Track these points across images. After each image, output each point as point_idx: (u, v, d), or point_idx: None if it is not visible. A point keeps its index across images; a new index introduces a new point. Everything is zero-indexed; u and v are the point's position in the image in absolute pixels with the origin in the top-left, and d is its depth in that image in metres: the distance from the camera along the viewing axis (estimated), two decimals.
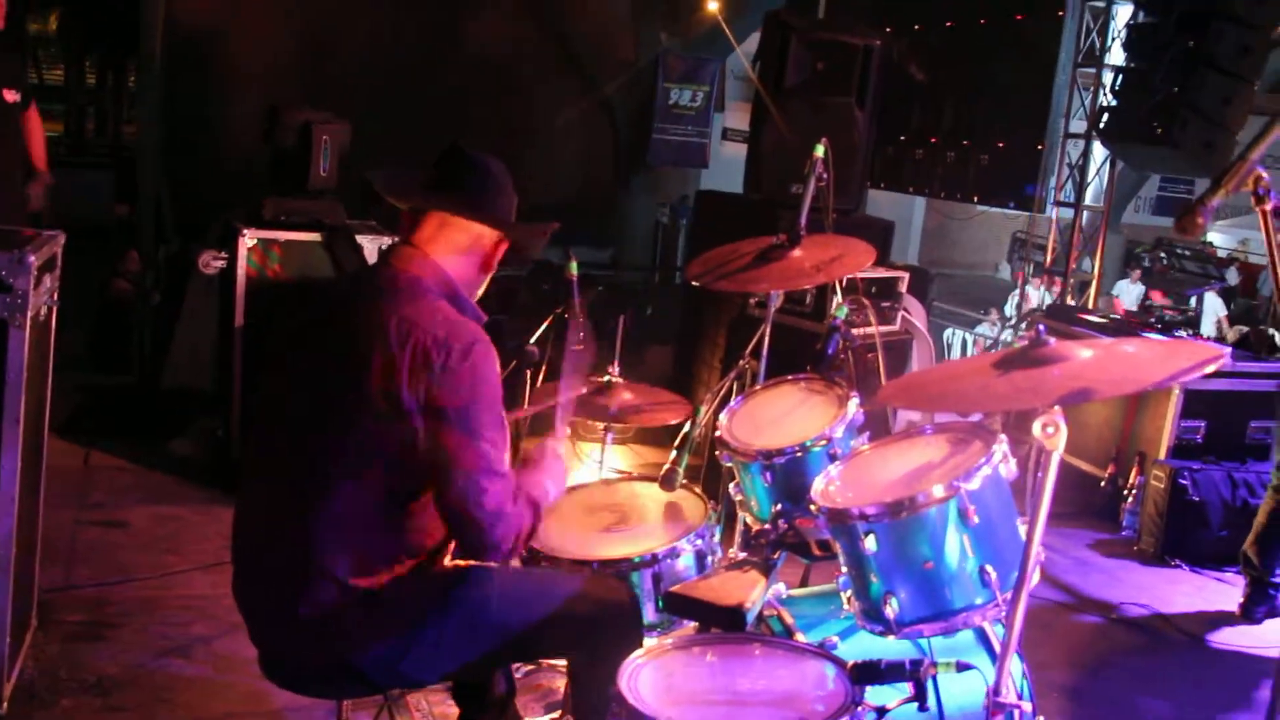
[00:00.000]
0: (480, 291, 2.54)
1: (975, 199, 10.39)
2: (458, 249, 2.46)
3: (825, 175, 3.42)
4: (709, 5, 10.56)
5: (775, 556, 2.76)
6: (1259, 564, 4.82)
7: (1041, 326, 2.19)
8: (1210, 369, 1.97)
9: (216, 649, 3.75)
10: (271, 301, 5.04)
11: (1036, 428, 2.07)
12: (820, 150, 3.40)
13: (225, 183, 7.00)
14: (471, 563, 2.47)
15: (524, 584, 2.57)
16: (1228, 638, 4.77)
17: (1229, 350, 6.04)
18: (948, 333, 10.31)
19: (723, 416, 3.01)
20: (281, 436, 2.42)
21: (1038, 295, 9.84)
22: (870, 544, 2.37)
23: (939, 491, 2.30)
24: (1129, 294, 11.79)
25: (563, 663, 2.90)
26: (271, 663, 2.48)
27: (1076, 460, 6.20)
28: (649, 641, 2.60)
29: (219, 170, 8.80)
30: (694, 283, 3.31)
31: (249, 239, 5.07)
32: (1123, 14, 8.84)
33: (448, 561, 2.48)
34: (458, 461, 2.24)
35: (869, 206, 12.63)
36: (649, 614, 2.79)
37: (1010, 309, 10.55)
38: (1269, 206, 2.13)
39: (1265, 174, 2.15)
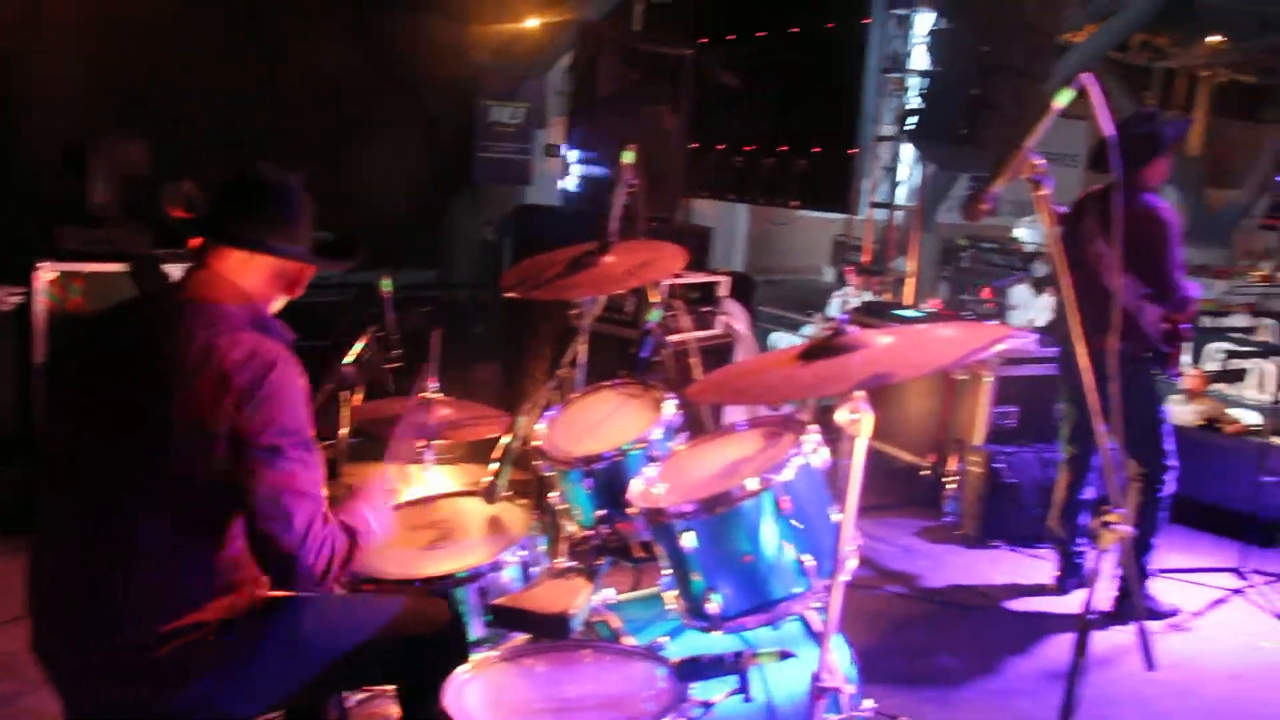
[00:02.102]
0: (282, 305, 2.49)
1: (795, 204, 10.64)
2: (263, 276, 2.41)
3: (636, 182, 3.46)
4: (528, 21, 10.57)
5: (599, 562, 2.78)
6: (1064, 536, 5.09)
7: (842, 316, 2.26)
8: (999, 347, 2.06)
9: (22, 706, 3.55)
10: (66, 336, 4.83)
11: (841, 415, 2.14)
12: (629, 157, 3.44)
13: (22, 213, 6.66)
14: (290, 594, 2.41)
15: (341, 611, 2.52)
16: (1043, 609, 5.00)
17: (1024, 332, 6.38)
18: (774, 335, 10.52)
19: (540, 426, 3.00)
20: (78, 477, 2.32)
21: (858, 295, 10.14)
22: (689, 541, 2.40)
23: (753, 485, 2.35)
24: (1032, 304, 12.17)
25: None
26: (80, 717, 2.37)
27: (899, 452, 6.42)
28: (479, 656, 2.58)
29: (14, 200, 8.35)
30: (508, 294, 3.30)
31: (47, 272, 4.84)
32: (923, 21, 9.21)
33: (266, 593, 2.41)
34: (261, 483, 2.19)
35: (695, 216, 12.81)
36: (477, 629, 2.77)
37: (833, 310, 10.85)
38: (1045, 192, 2.26)
39: (1041, 162, 2.27)
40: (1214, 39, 26.69)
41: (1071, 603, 5.05)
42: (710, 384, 2.57)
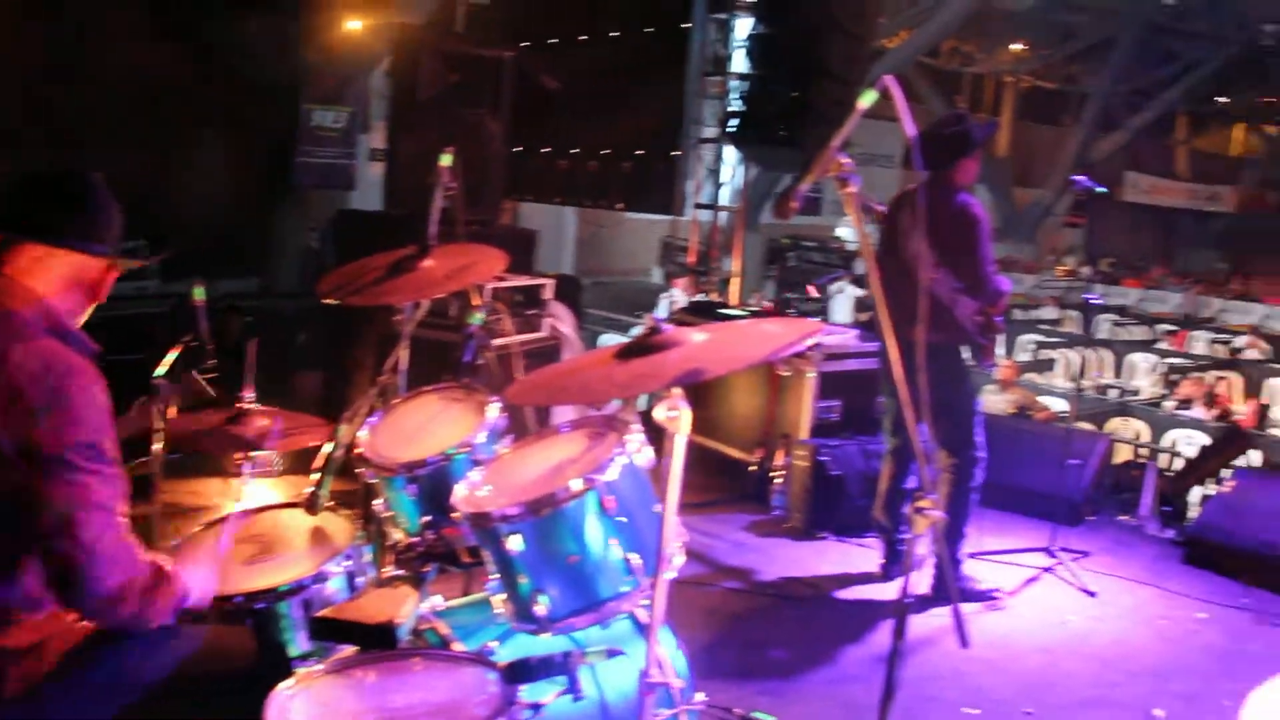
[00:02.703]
0: (87, 315, 2.40)
1: (620, 206, 10.72)
2: (60, 278, 2.31)
3: (454, 185, 3.44)
4: (350, 23, 10.37)
5: (426, 569, 2.75)
6: (888, 525, 5.27)
7: (658, 314, 2.30)
8: (809, 341, 2.12)
9: None
10: None
11: (659, 412, 2.17)
12: (446, 160, 3.41)
13: None
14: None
15: (140, 647, 2.41)
16: (870, 596, 5.17)
17: (840, 327, 6.61)
18: (603, 337, 10.61)
19: (362, 433, 2.96)
20: None
21: (685, 296, 10.32)
22: (514, 544, 2.40)
23: (577, 485, 2.37)
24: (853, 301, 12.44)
25: None
26: None
27: (728, 448, 6.55)
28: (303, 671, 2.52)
29: None
30: (326, 300, 3.24)
31: None
32: (743, 25, 9.41)
33: (77, 623, 2.31)
34: (52, 496, 2.10)
35: (524, 220, 12.79)
36: (302, 643, 2.71)
37: (661, 311, 11.00)
38: (852, 190, 2.34)
39: (847, 160, 2.35)
40: (1017, 46, 28.12)
41: (897, 590, 5.22)
42: (529, 385, 2.58)
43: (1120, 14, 23.68)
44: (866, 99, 2.37)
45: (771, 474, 6.17)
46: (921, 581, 5.00)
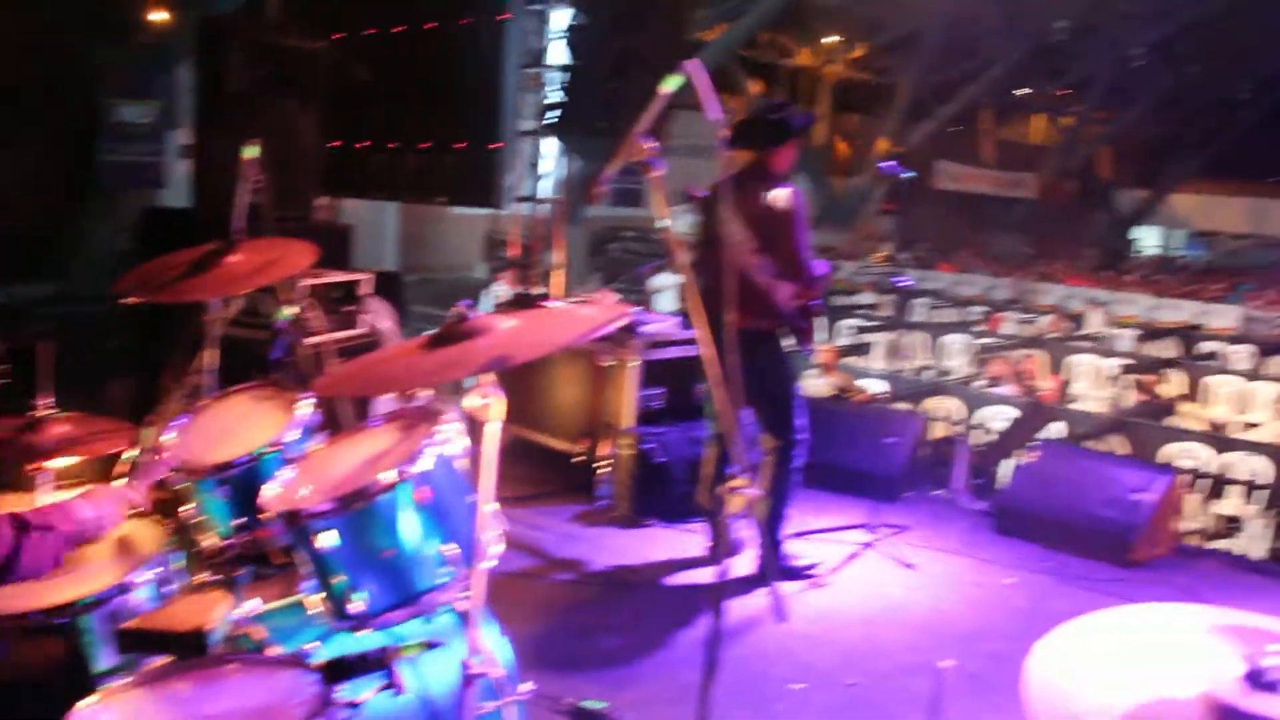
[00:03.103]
0: None
1: (443, 201, 10.62)
2: None
3: (260, 179, 3.35)
4: (153, 14, 9.95)
5: (239, 573, 2.68)
6: (714, 509, 5.37)
7: (466, 301, 2.30)
8: (617, 324, 2.15)
9: None
10: None
11: (470, 401, 2.17)
12: (251, 153, 3.33)
13: None
14: None
15: None
16: (698, 581, 5.26)
17: (664, 315, 6.69)
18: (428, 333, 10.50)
19: (169, 436, 2.86)
20: None
21: (509, 289, 10.28)
22: (328, 541, 2.36)
23: (388, 477, 2.34)
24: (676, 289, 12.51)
25: None
26: None
27: (552, 440, 6.57)
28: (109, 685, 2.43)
29: None
30: (126, 299, 3.12)
31: None
32: (560, 17, 9.43)
33: None
34: None
35: (346, 216, 12.50)
36: (109, 657, 2.60)
37: (485, 306, 10.93)
38: (658, 175, 2.38)
39: (652, 145, 2.39)
40: (830, 39, 28.95)
41: (727, 572, 5.32)
42: (338, 377, 2.54)
43: (924, 10, 24.60)
44: (670, 84, 2.41)
45: (597, 464, 6.21)
46: (745, 563, 5.12)
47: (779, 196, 5.03)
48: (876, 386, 11.11)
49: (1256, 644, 1.42)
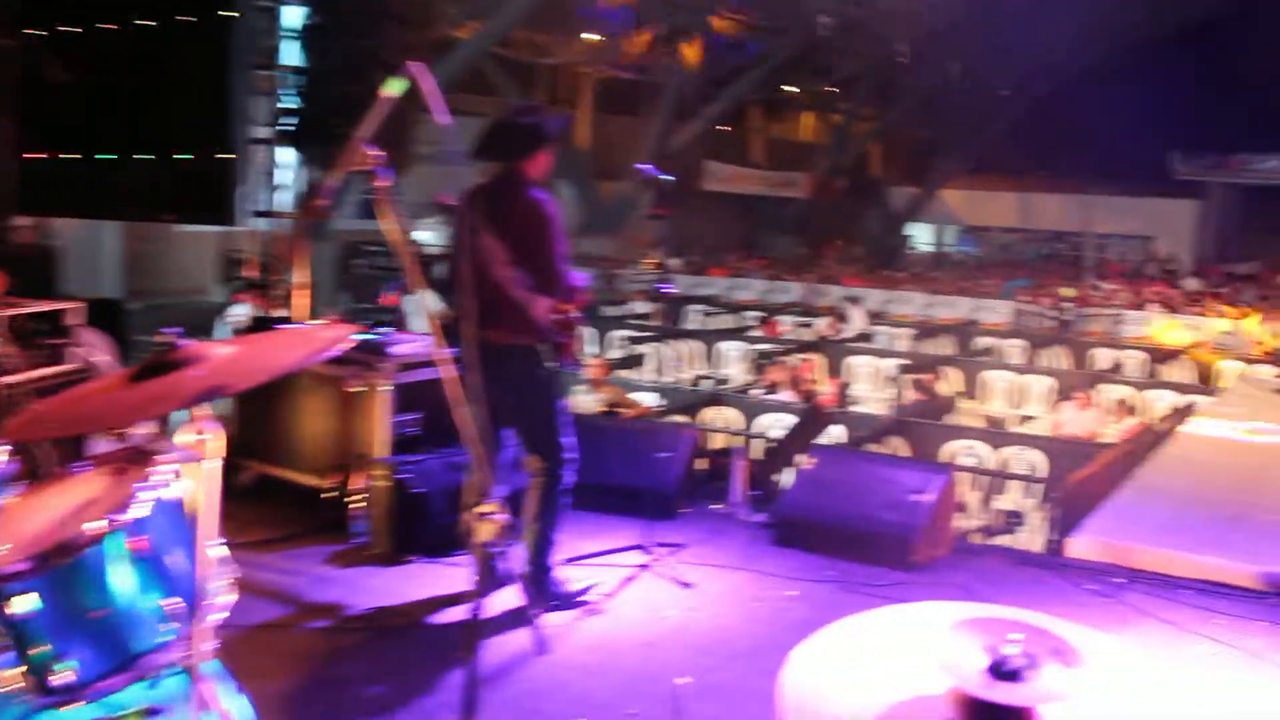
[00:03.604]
0: None
1: (170, 218, 10.21)
2: None
3: None
4: None
5: None
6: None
7: (176, 329, 2.22)
8: (343, 346, 2.12)
9: None
10: None
11: (184, 436, 2.10)
12: None
13: None
14: None
15: None
16: (466, 617, 5.22)
17: (421, 334, 6.63)
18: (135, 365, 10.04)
19: None
20: None
21: (248, 311, 9.95)
22: (24, 605, 2.23)
23: (96, 528, 2.24)
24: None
25: None
26: None
27: (300, 476, 6.41)
28: None
29: None
30: None
31: None
32: (292, 14, 9.21)
33: None
34: None
35: (56, 236, 11.83)
36: None
37: (222, 332, 10.56)
38: (383, 184, 2.36)
39: (377, 152, 2.37)
40: (590, 36, 29.34)
41: (493, 606, 5.30)
42: (31, 419, 2.41)
43: (685, 6, 25.25)
44: (393, 87, 2.40)
45: (350, 499, 6.10)
46: (514, 594, 5.11)
47: (532, 205, 5.06)
48: (650, 399, 11.33)
49: (998, 635, 1.52)
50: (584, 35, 28.76)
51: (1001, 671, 1.48)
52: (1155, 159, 38.19)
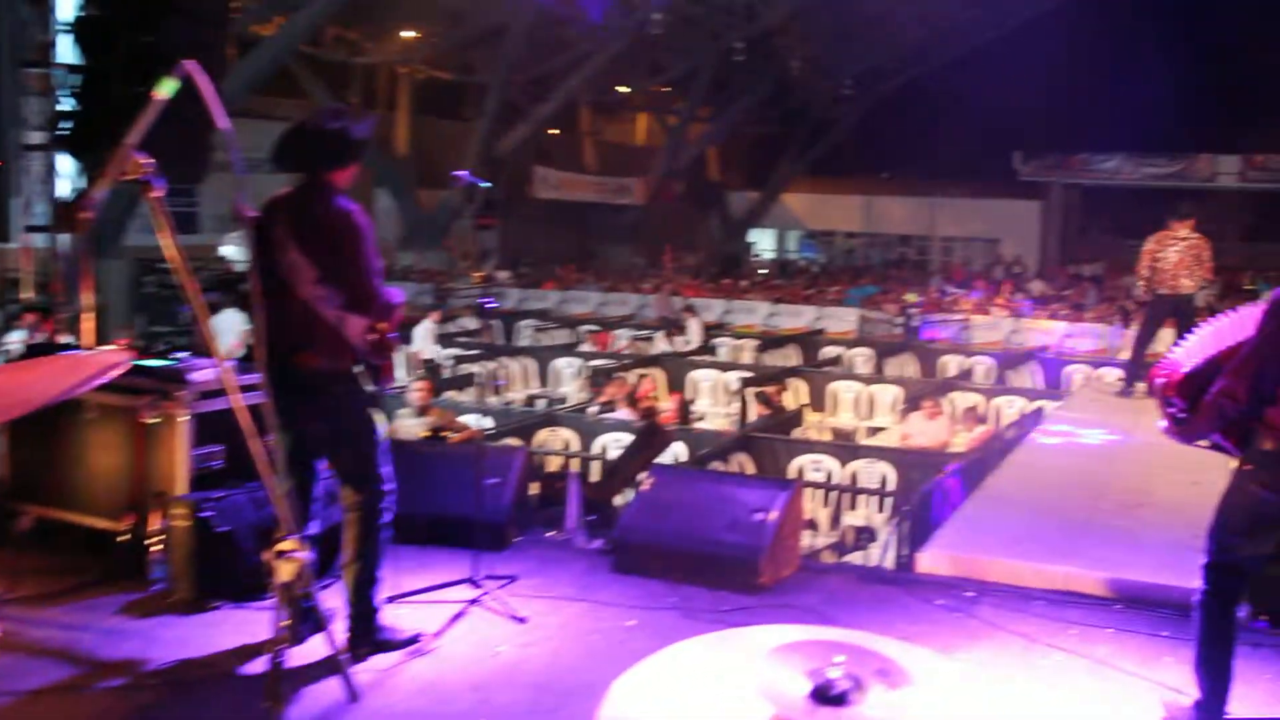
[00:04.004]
0: None
1: None
2: None
3: None
4: None
5: None
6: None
7: None
8: (114, 373, 2.05)
9: None
10: None
11: None
12: None
13: None
14: None
15: None
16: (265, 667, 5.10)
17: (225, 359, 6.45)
18: None
19: None
20: None
21: (24, 337, 9.57)
22: None
23: None
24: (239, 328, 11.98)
25: None
26: None
27: (88, 518, 6.20)
28: None
29: None
30: None
31: None
32: (66, 6, 8.88)
33: None
34: None
35: None
36: None
37: None
38: (156, 194, 2.29)
39: (147, 160, 2.30)
40: (407, 34, 29.16)
41: (311, 651, 5.19)
42: None
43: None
44: (165, 88, 2.34)
45: (147, 541, 5.91)
46: (329, 638, 5.02)
47: (340, 216, 4.99)
48: (480, 422, 11.26)
49: (823, 659, 1.55)
50: (400, 33, 28.55)
51: (825, 696, 1.51)
52: (1000, 160, 39.82)
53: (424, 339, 15.98)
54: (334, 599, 5.29)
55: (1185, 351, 4.66)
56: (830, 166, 41.46)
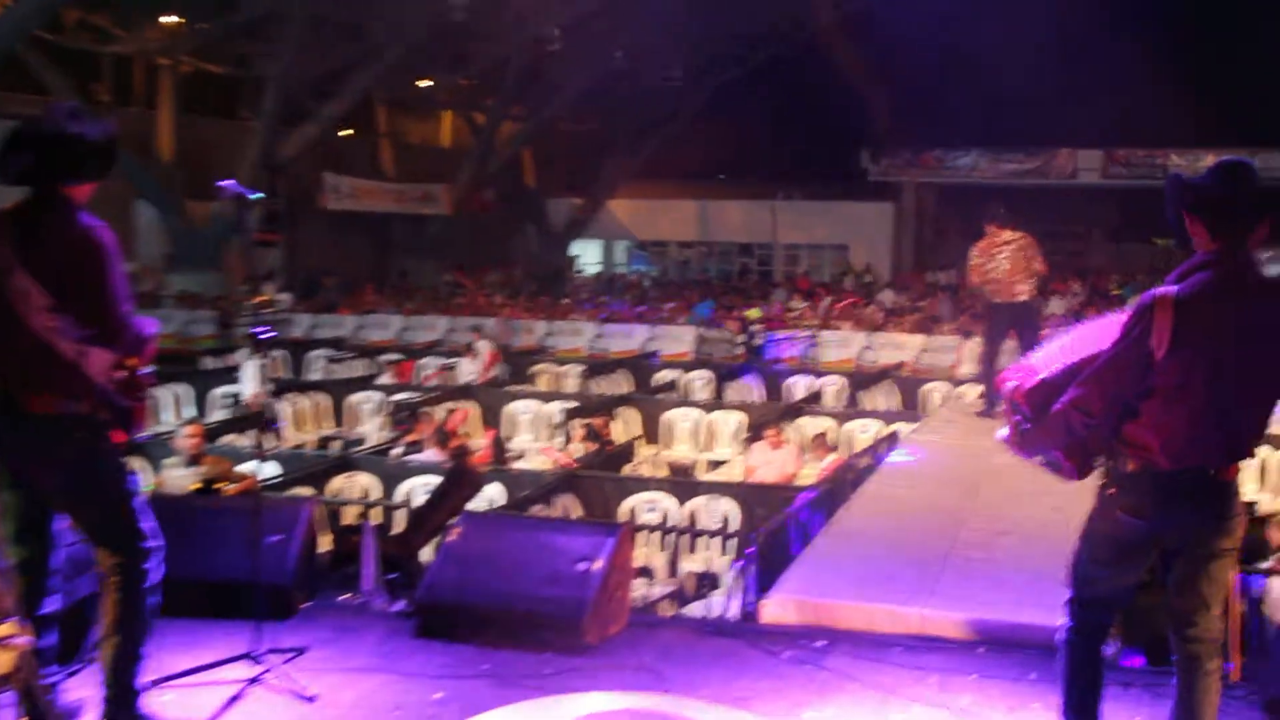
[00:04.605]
0: None
1: None
2: None
3: None
4: None
5: None
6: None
7: None
8: None
9: None
10: None
11: None
12: None
13: None
14: None
15: None
16: None
17: None
18: None
19: None
20: None
21: None
22: None
23: None
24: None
25: None
26: None
27: None
28: None
29: None
30: None
31: None
32: None
33: None
34: None
35: None
36: None
37: None
38: None
39: None
40: (169, 20, 28.48)
41: None
42: None
43: None
44: None
45: None
46: None
47: (81, 235, 4.82)
48: (265, 470, 11.02)
49: None
50: (160, 19, 27.88)
51: None
52: (848, 158, 40.66)
53: (255, 380, 15.39)
54: (86, 686, 5.12)
55: (1044, 356, 4.79)
56: (661, 169, 41.72)
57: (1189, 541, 4.52)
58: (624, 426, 15.52)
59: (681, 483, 11.90)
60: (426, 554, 8.10)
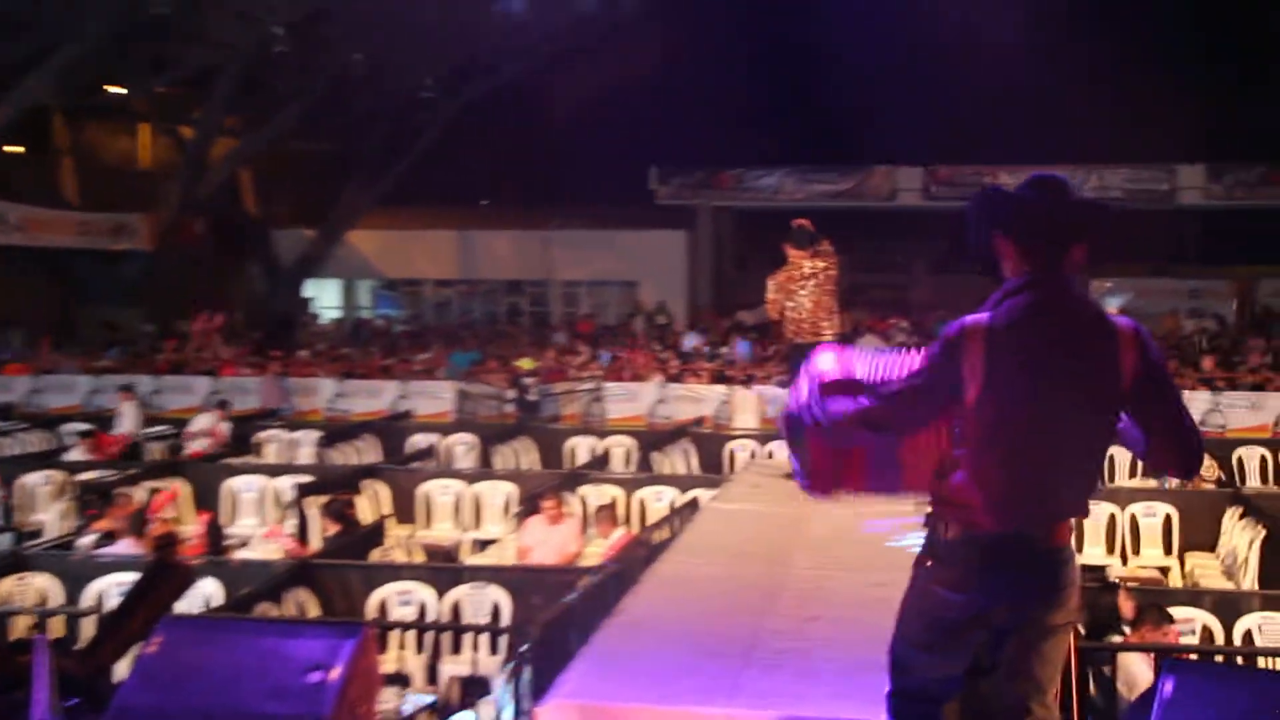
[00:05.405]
0: None
1: None
2: None
3: None
4: None
5: None
6: None
7: None
8: None
9: None
10: None
11: None
12: None
13: None
14: None
15: None
16: None
17: None
18: None
19: None
20: None
21: None
22: None
23: None
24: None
25: None
26: None
27: None
28: None
29: None
30: None
31: None
32: None
33: None
34: None
35: None
36: None
37: None
38: None
39: None
40: None
41: None
42: None
43: None
44: None
45: None
46: None
47: None
48: None
49: None
50: None
51: None
52: (633, 180, 40.92)
53: (134, 419, 14.74)
54: None
55: (864, 359, 4.86)
56: (412, 195, 41.42)
57: (1018, 619, 4.56)
58: (371, 503, 15.32)
59: (441, 569, 11.78)
60: (122, 670, 7.81)
